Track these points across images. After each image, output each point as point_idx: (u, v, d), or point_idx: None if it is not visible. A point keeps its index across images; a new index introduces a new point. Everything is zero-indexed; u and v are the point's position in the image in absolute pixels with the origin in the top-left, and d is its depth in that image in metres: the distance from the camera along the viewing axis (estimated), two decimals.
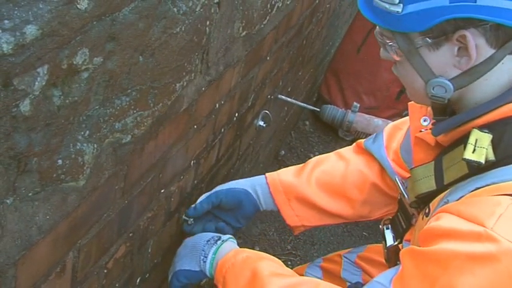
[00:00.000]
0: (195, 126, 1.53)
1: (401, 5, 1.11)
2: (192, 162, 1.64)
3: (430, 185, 1.26)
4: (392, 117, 3.10)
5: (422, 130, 1.36)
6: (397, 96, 3.69)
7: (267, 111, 2.34)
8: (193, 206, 1.73)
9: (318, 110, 2.35)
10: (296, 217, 1.76)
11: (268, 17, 1.85)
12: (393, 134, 1.74)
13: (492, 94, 1.16)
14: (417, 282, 1.08)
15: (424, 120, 1.38)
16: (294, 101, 2.60)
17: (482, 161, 1.09)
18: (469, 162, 1.12)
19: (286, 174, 1.76)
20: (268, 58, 2.08)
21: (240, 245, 1.58)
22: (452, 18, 1.07)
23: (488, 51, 1.11)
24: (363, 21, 3.63)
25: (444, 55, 1.14)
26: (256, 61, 1.94)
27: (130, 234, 1.38)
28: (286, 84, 2.70)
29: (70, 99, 0.90)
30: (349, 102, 3.52)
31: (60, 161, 0.94)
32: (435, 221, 1.12)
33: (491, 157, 1.10)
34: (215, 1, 1.33)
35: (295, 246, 2.86)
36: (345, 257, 2.00)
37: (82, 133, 0.98)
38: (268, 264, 1.41)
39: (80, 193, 1.04)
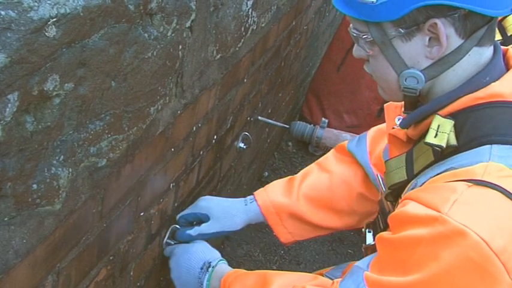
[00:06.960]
0: (173, 149, 1.55)
1: None
2: (172, 185, 1.66)
3: (401, 175, 1.32)
4: None
5: (395, 127, 1.41)
6: (378, 114, 3.73)
7: (247, 133, 2.37)
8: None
9: (288, 126, 2.37)
10: (289, 234, 1.84)
11: (243, 40, 1.88)
12: (377, 138, 1.79)
13: (457, 85, 1.22)
14: (391, 266, 1.14)
15: (398, 119, 1.43)
16: (265, 119, 2.63)
17: (444, 144, 1.14)
18: (431, 147, 1.17)
19: (276, 194, 1.83)
20: (245, 80, 2.12)
21: None
22: (424, 5, 1.13)
23: (457, 41, 1.17)
24: (342, 41, 3.69)
25: (416, 45, 1.19)
26: (233, 83, 1.97)
27: (111, 258, 1.39)
28: (266, 106, 2.73)
29: (43, 125, 0.92)
30: (331, 121, 3.56)
31: (35, 186, 0.96)
32: (401, 207, 1.18)
33: (453, 142, 1.15)
34: (187, 26, 1.36)
35: (280, 267, 2.86)
36: (327, 275, 2.01)
37: (57, 158, 1.00)
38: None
39: (57, 217, 1.06)
